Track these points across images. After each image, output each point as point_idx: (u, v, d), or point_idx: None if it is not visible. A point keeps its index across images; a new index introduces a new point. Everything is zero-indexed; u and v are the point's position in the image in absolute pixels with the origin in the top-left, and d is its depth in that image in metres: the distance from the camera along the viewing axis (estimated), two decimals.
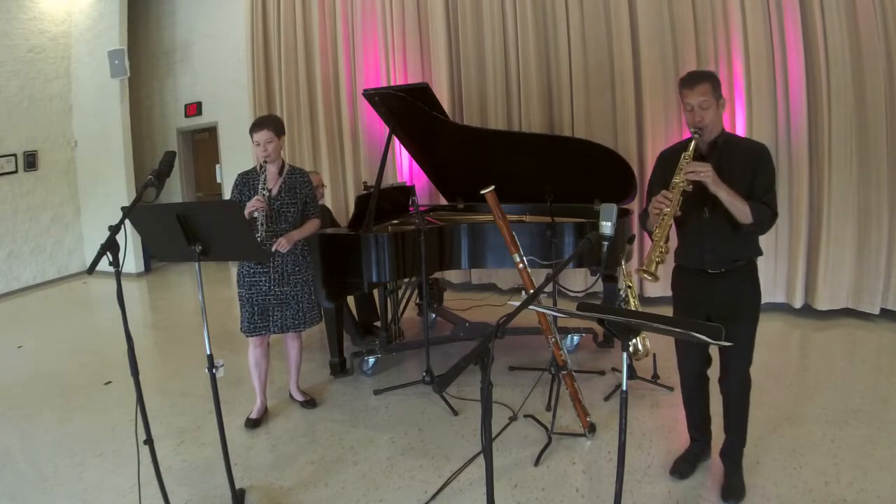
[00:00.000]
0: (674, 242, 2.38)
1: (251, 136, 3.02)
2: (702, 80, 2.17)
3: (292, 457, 2.85)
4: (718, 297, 2.27)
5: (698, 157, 2.19)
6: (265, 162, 3.03)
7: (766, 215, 2.14)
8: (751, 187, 2.16)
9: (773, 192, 2.19)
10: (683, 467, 2.50)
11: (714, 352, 2.37)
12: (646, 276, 2.09)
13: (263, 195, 2.94)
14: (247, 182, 3.07)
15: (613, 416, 3.00)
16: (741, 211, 2.10)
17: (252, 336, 3.12)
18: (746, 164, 2.18)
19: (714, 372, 2.42)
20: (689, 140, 2.19)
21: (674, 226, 2.29)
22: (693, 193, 2.13)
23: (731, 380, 2.32)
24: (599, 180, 3.91)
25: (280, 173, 3.09)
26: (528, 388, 3.33)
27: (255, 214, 2.91)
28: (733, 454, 2.38)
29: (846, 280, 4.36)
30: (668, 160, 2.27)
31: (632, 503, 2.32)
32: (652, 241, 2.14)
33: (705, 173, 2.07)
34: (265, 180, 3.00)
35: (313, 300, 3.22)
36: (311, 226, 3.15)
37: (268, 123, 3.02)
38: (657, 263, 2.09)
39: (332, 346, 3.76)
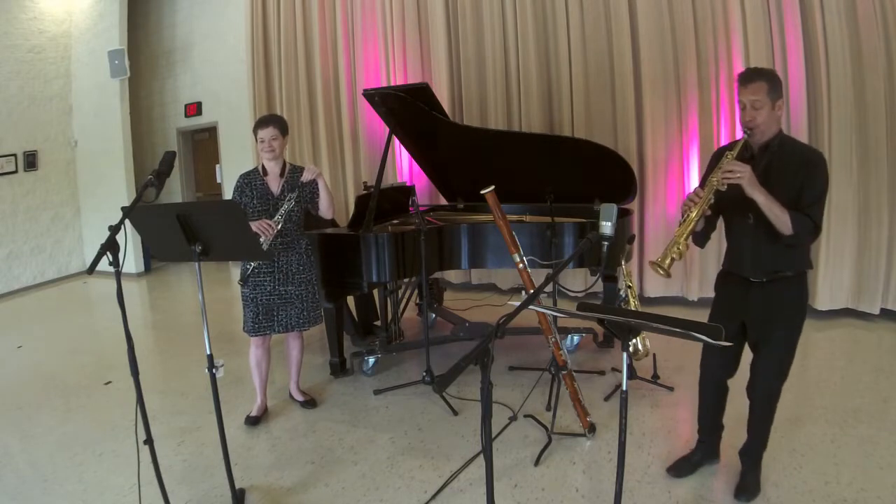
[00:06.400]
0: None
1: (255, 134, 3.05)
2: (757, 78, 2.06)
3: (292, 457, 2.85)
4: (755, 305, 2.19)
5: (748, 157, 2.10)
6: (270, 160, 3.04)
7: (807, 227, 2.01)
8: (798, 196, 2.04)
9: (820, 204, 2.06)
10: (683, 467, 2.49)
11: (745, 361, 2.33)
12: (657, 269, 2.02)
13: (278, 219, 2.94)
14: (248, 183, 3.07)
15: (613, 416, 3.00)
16: (779, 218, 1.99)
17: (255, 336, 3.12)
18: (797, 171, 2.07)
19: (739, 381, 2.37)
20: (743, 138, 2.10)
21: (724, 229, 2.25)
22: (740, 197, 2.03)
23: (757, 390, 2.28)
24: (599, 180, 3.91)
25: (282, 174, 3.09)
26: (528, 388, 3.33)
27: (261, 239, 2.87)
28: (753, 454, 2.35)
29: (846, 280, 4.36)
30: (720, 157, 2.17)
31: (632, 503, 2.32)
32: (674, 235, 2.05)
33: (741, 174, 1.97)
34: (281, 206, 2.99)
35: (317, 299, 3.23)
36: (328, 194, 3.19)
37: (273, 121, 3.05)
38: (672, 259, 2.01)
39: (332, 346, 3.76)
